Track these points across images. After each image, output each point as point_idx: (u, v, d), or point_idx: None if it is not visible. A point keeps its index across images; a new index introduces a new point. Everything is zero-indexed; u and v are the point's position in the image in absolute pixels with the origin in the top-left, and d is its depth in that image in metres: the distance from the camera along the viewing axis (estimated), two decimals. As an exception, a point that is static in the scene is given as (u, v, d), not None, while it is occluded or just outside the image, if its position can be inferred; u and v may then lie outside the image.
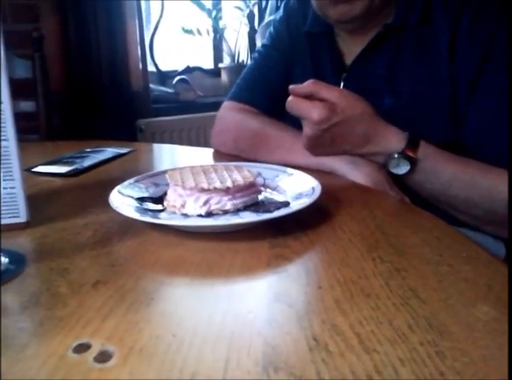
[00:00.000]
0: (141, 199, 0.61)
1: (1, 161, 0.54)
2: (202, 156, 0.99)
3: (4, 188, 0.55)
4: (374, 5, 0.79)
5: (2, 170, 0.55)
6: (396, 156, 0.73)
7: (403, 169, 0.73)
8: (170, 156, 1.06)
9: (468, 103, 0.77)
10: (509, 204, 0.65)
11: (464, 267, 0.43)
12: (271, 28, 1.01)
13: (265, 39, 1.02)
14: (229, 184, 0.57)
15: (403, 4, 0.81)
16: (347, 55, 0.89)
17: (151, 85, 2.24)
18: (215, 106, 2.27)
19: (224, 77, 2.44)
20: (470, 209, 0.75)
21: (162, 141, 2.20)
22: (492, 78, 0.75)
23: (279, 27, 0.99)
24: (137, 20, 2.03)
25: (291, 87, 0.74)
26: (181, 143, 2.25)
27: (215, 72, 2.50)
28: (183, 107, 2.30)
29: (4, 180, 0.55)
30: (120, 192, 0.61)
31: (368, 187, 0.71)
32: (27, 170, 0.82)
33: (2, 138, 0.54)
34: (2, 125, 0.54)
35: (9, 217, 0.56)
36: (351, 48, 0.88)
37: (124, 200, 0.59)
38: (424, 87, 0.79)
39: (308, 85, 0.72)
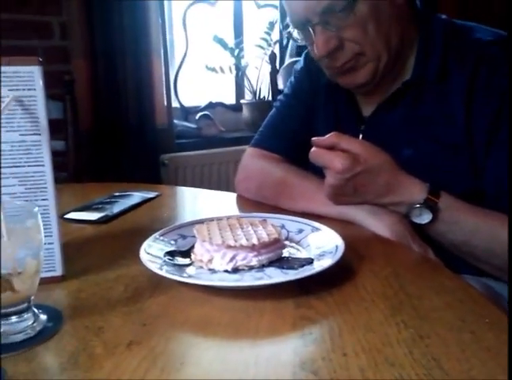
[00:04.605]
0: (170, 253, 0.63)
1: (42, 219, 0.57)
2: (226, 201, 1.01)
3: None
4: (380, 70, 0.83)
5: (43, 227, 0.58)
6: (418, 206, 0.74)
7: (425, 218, 0.75)
8: (193, 201, 1.09)
9: (485, 154, 0.78)
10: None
11: (486, 335, 0.44)
12: (292, 78, 1.05)
13: (286, 89, 1.06)
14: (255, 241, 0.60)
15: (421, 61, 0.84)
16: (365, 107, 0.92)
17: (175, 121, 2.31)
18: (237, 141, 2.34)
19: (246, 112, 2.49)
20: (491, 259, 0.75)
21: (185, 175, 2.24)
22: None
23: (300, 77, 1.02)
24: (163, 60, 2.11)
25: (314, 139, 0.77)
26: (202, 178, 2.29)
27: (237, 107, 2.56)
28: (205, 142, 2.35)
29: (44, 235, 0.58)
30: (149, 246, 0.64)
31: (391, 239, 0.72)
32: (59, 217, 0.86)
33: (43, 197, 0.58)
34: (44, 186, 0.58)
35: (46, 271, 0.59)
36: (369, 100, 0.91)
37: (153, 255, 0.62)
38: (441, 139, 0.81)
39: (330, 137, 0.75)
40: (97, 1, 1.94)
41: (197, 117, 2.40)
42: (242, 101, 2.52)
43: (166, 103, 2.16)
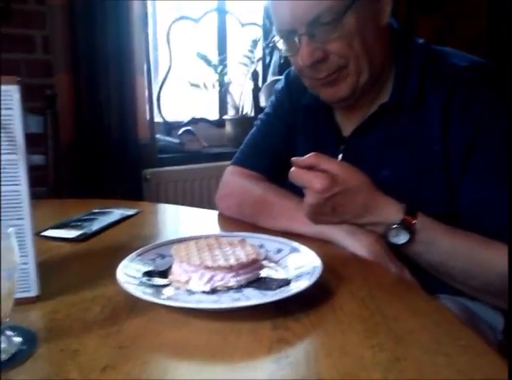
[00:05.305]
0: (148, 273, 0.63)
1: (17, 238, 0.57)
2: (207, 219, 1.01)
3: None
4: (360, 85, 0.84)
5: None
6: (395, 226, 0.75)
7: (402, 239, 0.76)
8: (174, 218, 1.09)
9: (461, 177, 0.80)
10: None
11: (460, 358, 0.45)
12: (273, 97, 1.06)
13: (268, 108, 1.06)
14: (233, 261, 0.60)
15: (398, 84, 0.86)
16: (344, 128, 0.93)
17: (157, 136, 2.30)
18: (220, 156, 2.34)
19: (228, 128, 2.50)
20: (467, 280, 0.76)
21: (167, 190, 2.23)
22: (484, 154, 0.78)
23: (280, 97, 1.03)
24: (146, 76, 2.11)
25: (293, 159, 0.77)
26: (185, 193, 2.28)
27: (220, 123, 2.57)
28: (188, 157, 2.34)
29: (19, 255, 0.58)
30: (127, 266, 0.63)
31: (368, 259, 0.73)
32: (36, 234, 0.85)
33: (19, 216, 0.57)
34: (19, 205, 0.57)
35: (21, 291, 0.58)
36: (348, 121, 0.92)
37: (130, 275, 0.61)
38: (418, 161, 0.83)
39: (310, 157, 0.76)
40: (81, 16, 1.94)
41: (180, 132, 2.40)
42: (225, 117, 2.53)
43: (148, 118, 2.15)
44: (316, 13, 0.78)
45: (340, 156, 0.91)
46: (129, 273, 0.62)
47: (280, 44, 0.88)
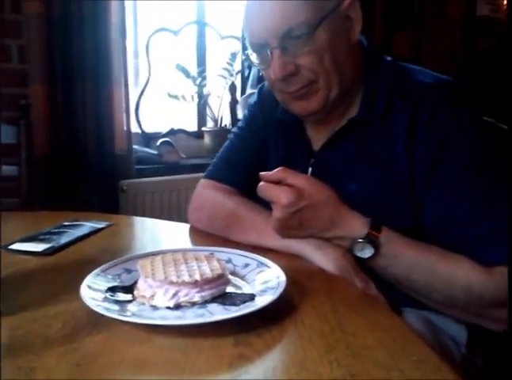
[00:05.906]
0: (112, 289, 0.63)
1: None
2: (178, 232, 1.01)
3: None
4: (330, 100, 0.86)
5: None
6: (361, 240, 0.77)
7: (367, 252, 0.77)
8: (148, 232, 1.08)
9: (425, 191, 0.82)
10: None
11: (413, 374, 0.46)
12: (246, 112, 1.07)
13: (241, 122, 1.08)
14: (197, 277, 0.60)
15: (367, 100, 0.88)
16: (314, 142, 0.95)
17: (135, 146, 2.29)
18: (198, 168, 2.34)
19: (207, 139, 2.50)
20: (430, 294, 0.78)
21: (144, 202, 2.22)
22: (451, 169, 0.80)
23: (253, 111, 1.05)
24: (123, 86, 2.10)
25: (261, 174, 0.79)
26: (162, 204, 2.27)
27: (199, 134, 2.57)
28: (166, 168, 2.34)
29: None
30: (92, 282, 0.63)
31: (333, 273, 0.74)
32: (3, 247, 0.84)
33: (-20, 232, 0.57)
34: (-19, 220, 0.56)
35: (-19, 307, 0.58)
36: (318, 135, 0.94)
37: (94, 291, 0.61)
38: (385, 176, 0.84)
39: (277, 172, 0.77)
40: (58, 25, 1.93)
41: (158, 143, 2.40)
42: (203, 129, 2.53)
43: (125, 131, 2.14)
44: (289, 26, 0.80)
45: (310, 169, 0.92)
46: (94, 288, 0.62)
47: (253, 57, 0.89)
